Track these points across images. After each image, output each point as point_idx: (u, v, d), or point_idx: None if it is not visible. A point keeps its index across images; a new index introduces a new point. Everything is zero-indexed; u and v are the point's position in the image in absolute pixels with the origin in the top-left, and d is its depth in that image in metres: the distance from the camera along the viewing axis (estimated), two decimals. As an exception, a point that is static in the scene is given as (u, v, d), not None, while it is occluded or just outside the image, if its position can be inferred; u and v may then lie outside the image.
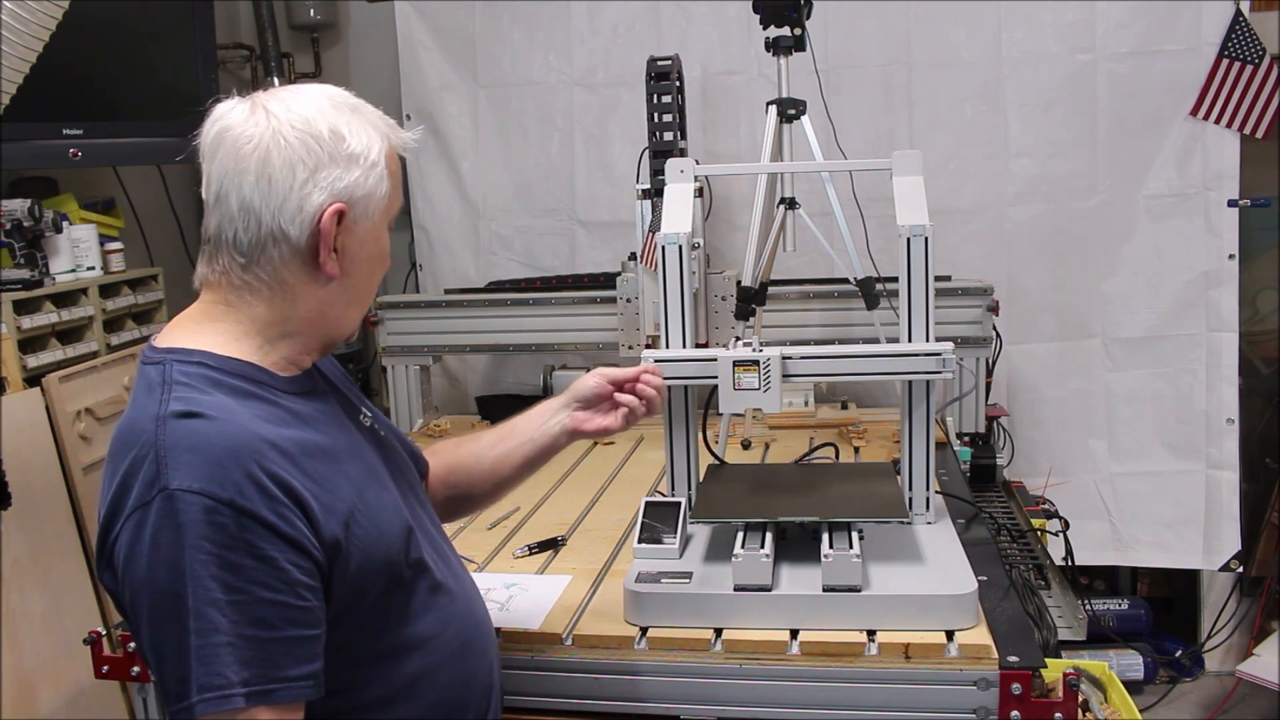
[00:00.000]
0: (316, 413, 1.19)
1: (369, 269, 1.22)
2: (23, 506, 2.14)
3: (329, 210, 1.13)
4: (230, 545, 1.02)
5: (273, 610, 1.03)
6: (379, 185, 1.18)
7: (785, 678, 1.49)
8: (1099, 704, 1.61)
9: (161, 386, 1.09)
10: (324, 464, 1.13)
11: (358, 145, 1.16)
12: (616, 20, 3.22)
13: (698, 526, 1.77)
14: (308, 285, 1.17)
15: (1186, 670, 3.34)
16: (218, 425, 1.06)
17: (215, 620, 1.00)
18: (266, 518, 1.03)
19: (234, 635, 1.01)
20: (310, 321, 1.19)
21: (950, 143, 3.09)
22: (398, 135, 1.22)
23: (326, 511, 1.10)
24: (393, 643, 1.20)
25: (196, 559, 1.01)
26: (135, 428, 1.07)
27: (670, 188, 1.89)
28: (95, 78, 2.57)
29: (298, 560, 1.05)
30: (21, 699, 2.10)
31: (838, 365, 1.78)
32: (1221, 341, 3.06)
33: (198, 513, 1.01)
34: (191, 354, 1.13)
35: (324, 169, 1.13)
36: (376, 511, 1.18)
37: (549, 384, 3.05)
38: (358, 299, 1.23)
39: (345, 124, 1.15)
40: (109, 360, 2.50)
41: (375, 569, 1.16)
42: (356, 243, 1.18)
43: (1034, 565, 1.96)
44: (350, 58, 3.59)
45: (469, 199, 3.39)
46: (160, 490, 1.02)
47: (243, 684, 1.01)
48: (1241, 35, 2.91)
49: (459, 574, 1.34)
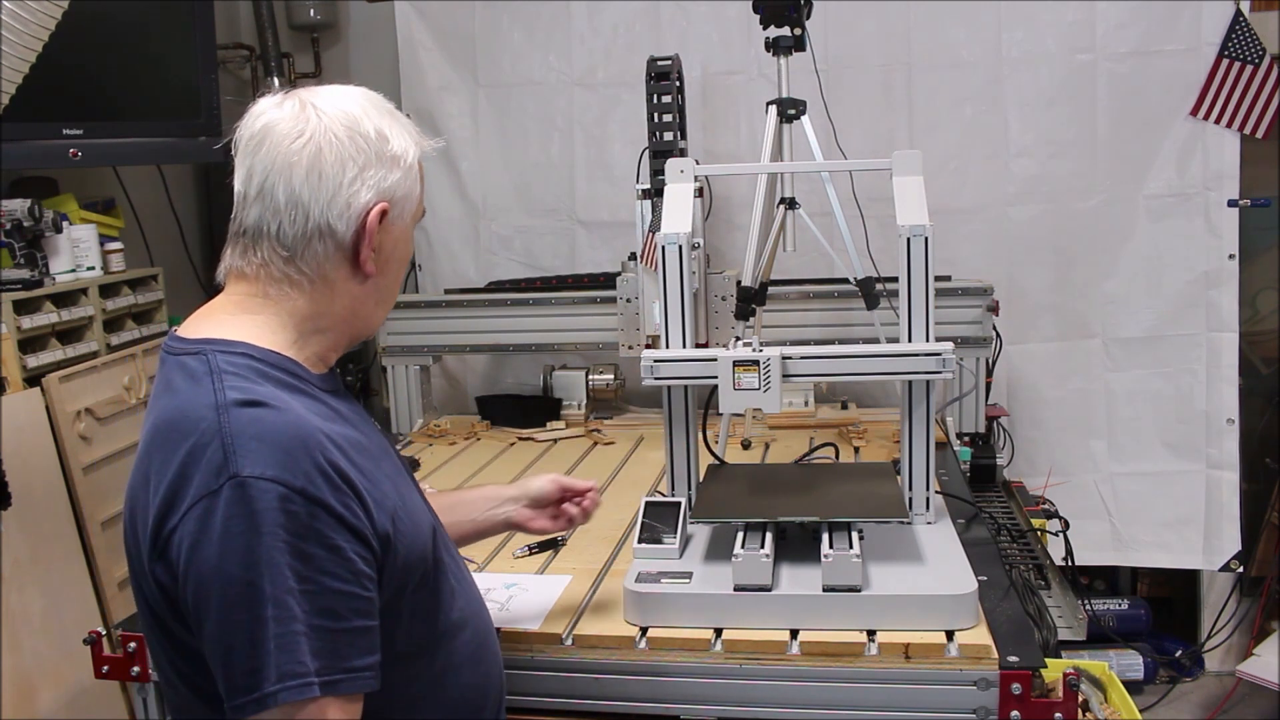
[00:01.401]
0: (349, 411, 1.22)
1: (398, 269, 1.25)
2: (23, 506, 2.14)
3: (375, 209, 1.16)
4: (302, 535, 1.01)
5: (341, 600, 1.03)
6: (414, 187, 1.22)
7: (785, 678, 1.49)
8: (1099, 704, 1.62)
9: (210, 376, 1.09)
10: (367, 460, 1.14)
11: (399, 147, 1.19)
12: (616, 20, 3.22)
13: (698, 526, 1.77)
14: (346, 282, 1.19)
15: (1186, 670, 3.34)
16: (282, 415, 1.06)
17: (293, 609, 1.00)
18: (335, 507, 1.04)
19: (305, 625, 1.00)
20: (343, 318, 1.21)
21: (950, 143, 3.09)
22: (423, 142, 1.24)
23: (378, 505, 1.11)
24: (422, 639, 1.20)
25: (274, 546, 1.00)
26: (190, 415, 1.06)
27: (670, 188, 1.90)
28: (95, 78, 2.57)
29: (361, 551, 1.06)
30: (21, 699, 2.10)
31: (838, 365, 1.79)
32: (1221, 341, 3.06)
33: (272, 500, 1.00)
34: (234, 345, 1.13)
35: (371, 168, 1.16)
36: (412, 508, 1.21)
37: (549, 384, 3.05)
38: (385, 298, 1.26)
39: (387, 126, 1.19)
40: (109, 360, 2.50)
41: (414, 563, 1.17)
42: (392, 242, 1.21)
43: (1034, 565, 1.96)
44: (350, 58, 3.59)
45: (469, 199, 3.39)
46: (231, 477, 1.01)
47: (315, 674, 1.00)
48: (1241, 35, 2.91)
49: (469, 577, 1.36)
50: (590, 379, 3.02)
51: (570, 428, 2.90)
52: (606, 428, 2.92)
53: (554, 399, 3.02)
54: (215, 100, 2.81)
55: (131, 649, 1.63)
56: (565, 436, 2.86)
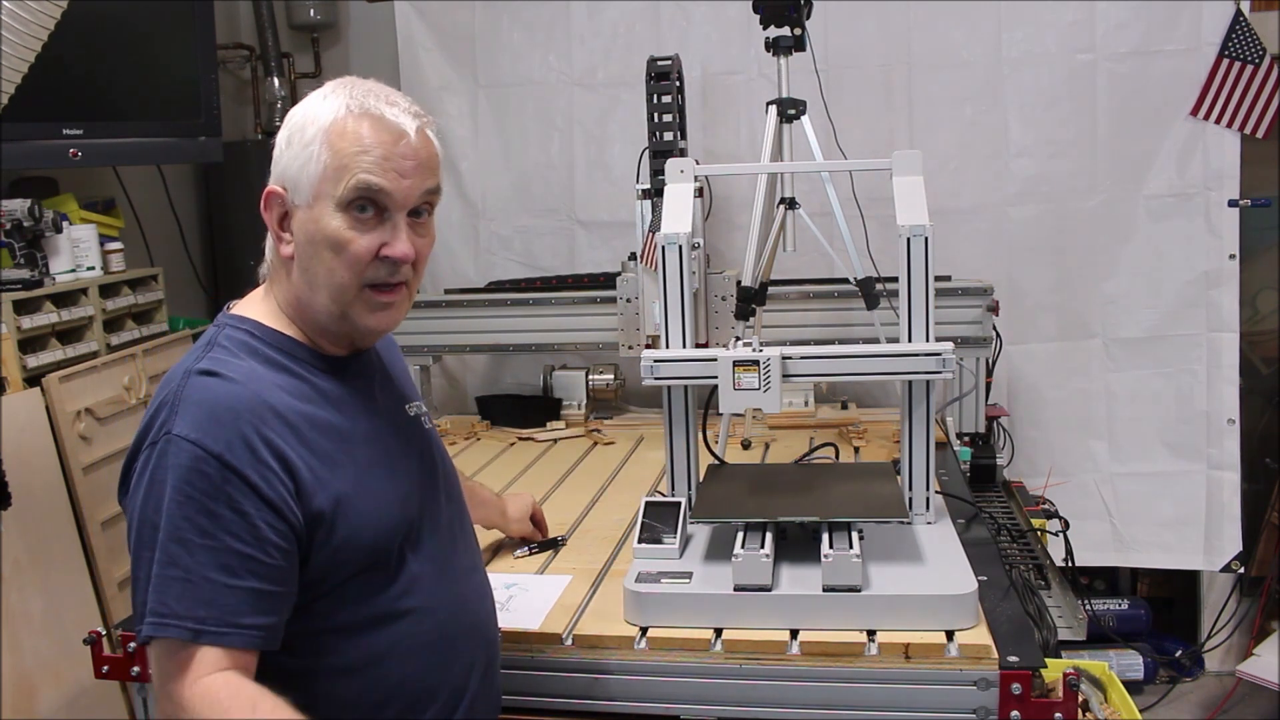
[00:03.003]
0: (344, 395, 1.25)
1: (313, 252, 1.19)
2: (23, 506, 2.14)
3: (265, 192, 1.21)
4: (211, 494, 1.10)
5: (240, 560, 1.10)
6: (309, 163, 1.17)
7: (785, 678, 1.49)
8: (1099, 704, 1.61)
9: (206, 347, 1.20)
10: (332, 442, 1.19)
11: (295, 126, 1.19)
12: (616, 20, 3.22)
13: (698, 526, 1.77)
14: (282, 266, 1.24)
15: (1186, 670, 3.34)
16: (229, 386, 1.14)
17: (176, 555, 1.09)
18: (249, 476, 1.11)
19: (196, 575, 1.08)
20: (295, 304, 1.25)
21: (950, 143, 3.09)
22: (366, 104, 1.18)
23: (318, 483, 1.16)
24: (362, 619, 1.23)
25: (175, 499, 1.09)
26: (172, 377, 1.18)
27: (670, 188, 1.90)
28: (95, 78, 2.57)
29: (273, 521, 1.12)
30: (21, 699, 2.10)
31: (838, 365, 1.79)
32: (1222, 341, 3.06)
33: (186, 459, 1.10)
34: (244, 321, 1.24)
35: (278, 154, 1.20)
36: (375, 495, 1.23)
37: (549, 384, 3.05)
38: (313, 284, 1.21)
39: (304, 107, 1.20)
40: (109, 360, 2.50)
41: (359, 548, 1.20)
42: (298, 224, 1.20)
43: (1034, 565, 1.96)
44: (350, 58, 3.59)
45: (468, 199, 3.39)
46: (165, 434, 1.12)
47: (195, 621, 1.08)
48: (1241, 35, 2.91)
49: (464, 574, 1.36)
50: (590, 379, 3.01)
51: (570, 428, 2.90)
52: (606, 428, 2.92)
53: (554, 399, 3.02)
54: (215, 100, 2.81)
55: (131, 649, 1.62)
56: (565, 436, 2.86)
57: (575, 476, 2.48)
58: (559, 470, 2.52)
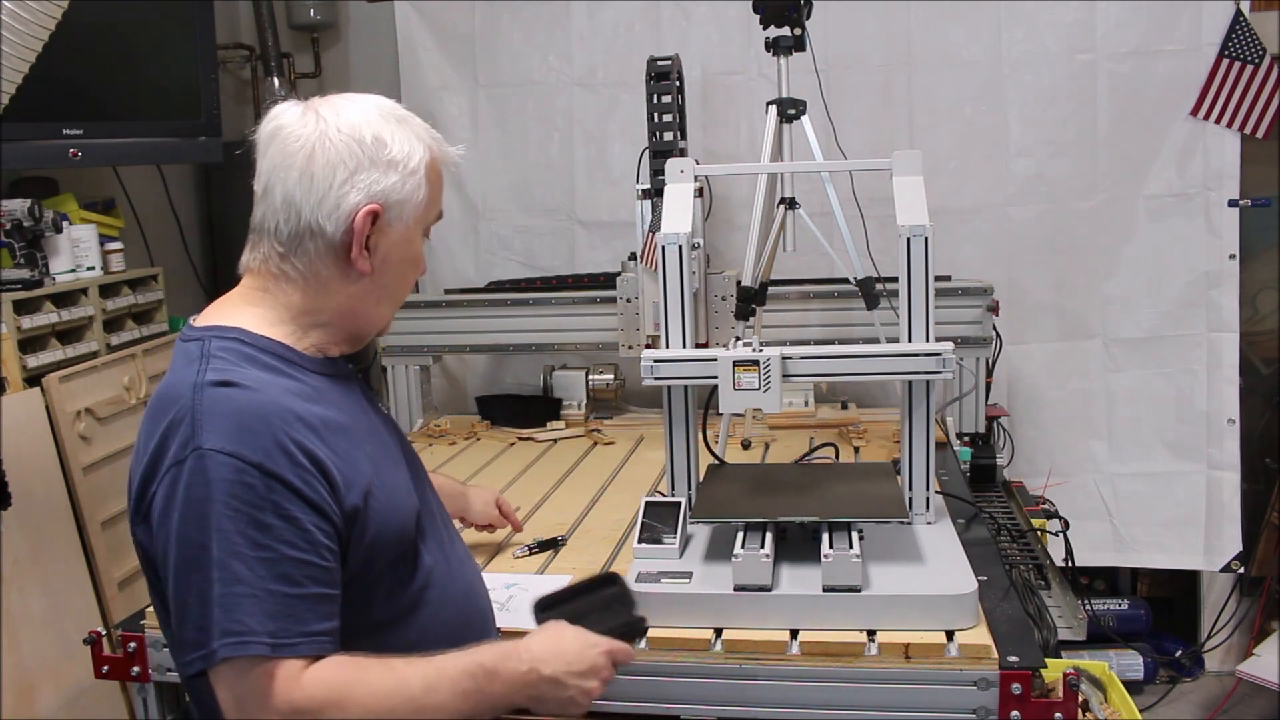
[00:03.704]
0: (339, 394, 1.26)
1: (400, 270, 1.29)
2: (23, 506, 2.14)
3: (363, 210, 1.21)
4: (258, 505, 1.09)
5: (298, 568, 1.10)
6: (415, 192, 1.25)
7: (785, 678, 1.49)
8: (1099, 704, 1.62)
9: (200, 359, 1.17)
10: (344, 440, 1.20)
11: (398, 152, 1.23)
12: (616, 20, 3.22)
13: (698, 526, 1.77)
14: (339, 280, 1.24)
15: (1186, 670, 3.34)
16: (250, 394, 1.14)
17: (239, 572, 1.07)
18: (292, 481, 1.11)
19: (259, 589, 1.07)
20: (341, 314, 1.26)
21: (950, 143, 3.09)
22: (443, 149, 1.30)
23: (348, 483, 1.17)
24: (392, 613, 1.25)
25: (224, 514, 1.08)
26: (174, 393, 1.15)
27: (670, 188, 1.90)
28: (95, 77, 2.57)
29: (320, 524, 1.13)
30: (21, 699, 2.10)
31: (838, 365, 1.79)
32: (1222, 341, 3.05)
33: (228, 472, 1.08)
34: (228, 330, 1.21)
35: (363, 171, 1.21)
36: (391, 489, 1.25)
37: (549, 384, 3.05)
38: (388, 297, 1.30)
39: (389, 132, 1.23)
40: (109, 360, 2.50)
41: (388, 541, 1.22)
42: (389, 244, 1.25)
43: (1034, 565, 1.96)
44: (350, 58, 3.59)
45: (468, 199, 3.38)
46: (194, 450, 1.09)
47: (269, 635, 1.07)
48: (1241, 35, 2.91)
49: (463, 562, 1.39)
50: (590, 379, 3.02)
51: (570, 428, 2.90)
52: (606, 428, 2.92)
53: (554, 399, 3.02)
54: (215, 100, 2.81)
55: (131, 649, 1.63)
56: (565, 436, 2.86)
57: (575, 476, 2.48)
58: (559, 470, 2.52)
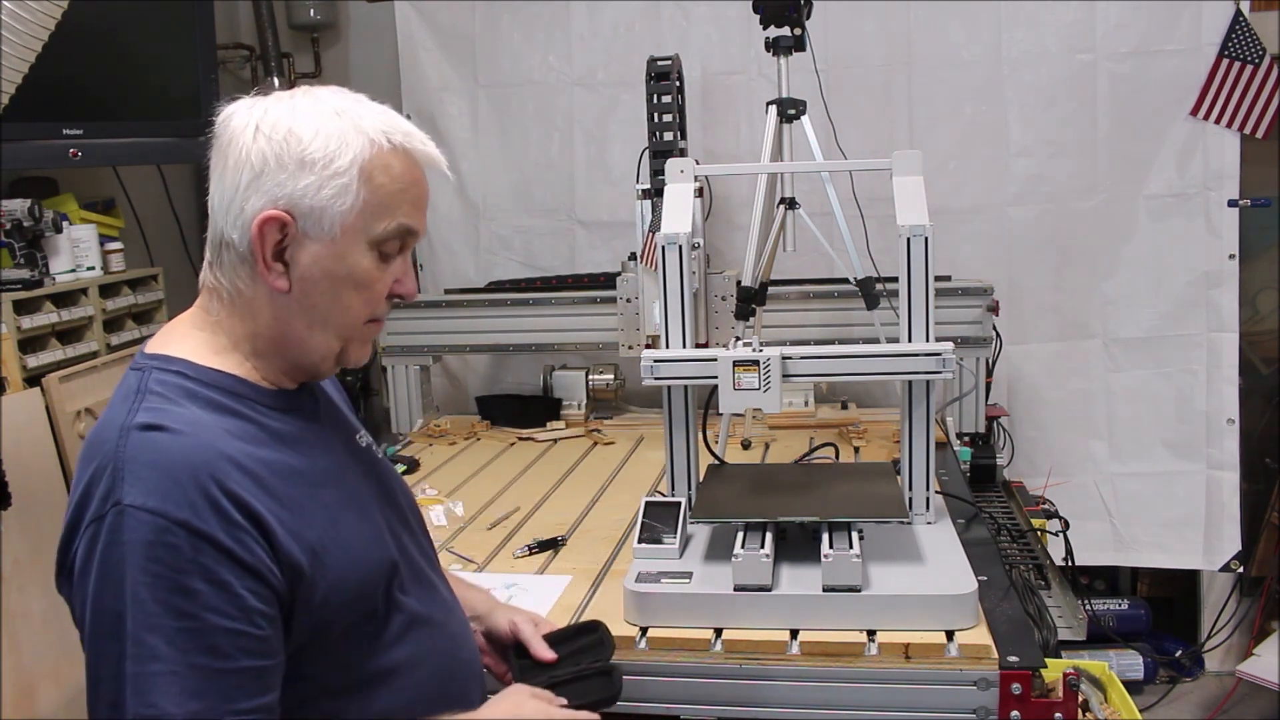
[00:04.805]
0: (299, 432, 1.13)
1: (331, 289, 1.09)
2: (23, 506, 2.13)
3: (261, 217, 1.04)
4: (182, 569, 0.96)
5: (228, 639, 0.97)
6: (340, 197, 1.05)
7: (785, 678, 1.49)
8: (1099, 704, 1.61)
9: (135, 395, 1.04)
10: (296, 487, 1.07)
11: (317, 150, 1.04)
12: (616, 20, 3.22)
13: (698, 526, 1.77)
14: (264, 299, 1.09)
15: (1186, 670, 3.34)
16: (180, 440, 1.00)
17: (154, 647, 0.95)
18: (222, 541, 0.98)
19: (180, 665, 0.95)
20: (273, 340, 1.11)
21: (950, 143, 3.09)
22: (409, 145, 1.09)
23: (291, 536, 1.03)
24: (361, 676, 1.12)
25: (141, 581, 0.95)
26: (101, 437, 1.03)
27: (670, 188, 1.90)
28: (95, 78, 2.56)
29: (255, 587, 0.99)
30: (21, 699, 2.10)
31: (838, 365, 1.79)
32: (1222, 341, 3.05)
33: (148, 532, 0.96)
34: (171, 362, 1.08)
35: (270, 173, 1.04)
36: (351, 541, 1.11)
37: (549, 384, 3.05)
38: (319, 321, 1.10)
39: (315, 127, 1.05)
40: (109, 360, 2.49)
41: (345, 600, 1.09)
42: (310, 257, 1.07)
43: (1034, 565, 1.96)
44: (350, 58, 3.59)
45: (469, 199, 3.38)
46: (114, 505, 0.97)
47: (188, 717, 0.95)
48: (1241, 35, 2.91)
49: (447, 608, 1.27)
50: (590, 379, 3.02)
51: (570, 428, 2.90)
52: (606, 428, 2.92)
53: (554, 399, 3.02)
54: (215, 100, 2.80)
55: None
56: (565, 436, 2.86)
57: (575, 476, 2.48)
58: (559, 470, 2.52)
